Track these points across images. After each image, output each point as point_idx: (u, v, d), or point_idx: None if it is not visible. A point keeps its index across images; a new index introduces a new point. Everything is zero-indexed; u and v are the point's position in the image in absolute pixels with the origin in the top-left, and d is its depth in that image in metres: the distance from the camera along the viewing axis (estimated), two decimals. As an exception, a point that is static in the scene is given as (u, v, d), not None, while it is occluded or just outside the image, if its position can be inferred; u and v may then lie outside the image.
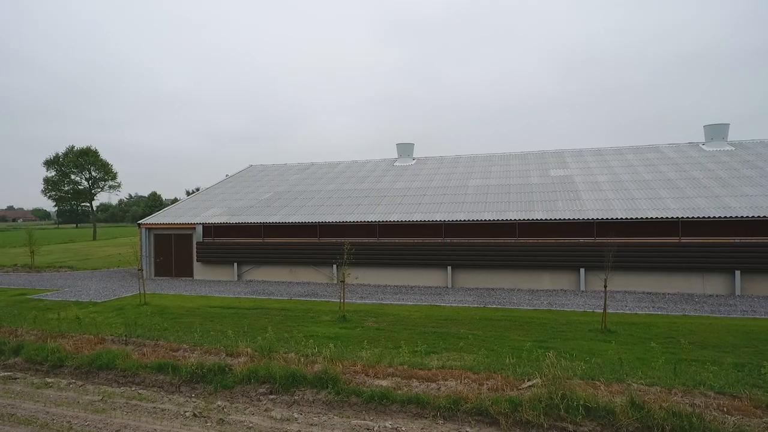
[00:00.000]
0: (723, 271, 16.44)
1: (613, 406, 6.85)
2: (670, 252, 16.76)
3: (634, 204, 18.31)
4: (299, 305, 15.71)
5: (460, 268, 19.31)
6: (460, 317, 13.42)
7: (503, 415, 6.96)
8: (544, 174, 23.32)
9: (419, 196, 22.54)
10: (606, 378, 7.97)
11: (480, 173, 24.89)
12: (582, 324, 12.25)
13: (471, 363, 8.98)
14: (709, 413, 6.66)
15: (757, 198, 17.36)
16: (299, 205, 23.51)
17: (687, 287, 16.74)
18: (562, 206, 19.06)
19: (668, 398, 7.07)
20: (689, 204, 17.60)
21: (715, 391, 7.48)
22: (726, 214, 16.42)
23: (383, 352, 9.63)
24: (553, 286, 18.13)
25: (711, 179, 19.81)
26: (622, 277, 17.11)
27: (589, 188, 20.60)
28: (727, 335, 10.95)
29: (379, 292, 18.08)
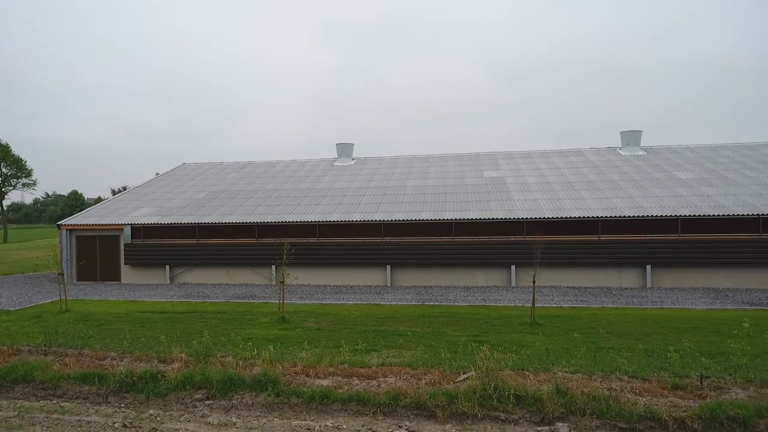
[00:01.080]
0: (636, 266, 17.96)
1: (540, 394, 7.33)
2: (591, 249, 18.07)
3: (559, 204, 19.53)
4: (237, 307, 15.35)
5: (399, 267, 19.68)
6: (399, 315, 13.71)
7: (440, 407, 7.24)
8: (478, 175, 24.26)
9: (359, 196, 22.69)
10: (534, 368, 8.50)
11: (418, 174, 25.46)
12: (513, 318, 12.93)
13: (410, 359, 9.24)
14: (623, 396, 7.30)
15: (664, 198, 19.11)
16: (236, 204, 22.89)
17: (606, 281, 18.12)
18: (494, 206, 19.95)
19: (589, 384, 7.67)
20: (608, 204, 19.05)
21: (629, 375, 8.19)
22: (639, 213, 17.95)
23: (324, 352, 9.68)
24: (487, 282, 18.95)
25: (626, 181, 21.54)
26: (549, 273, 18.21)
27: (520, 189, 21.71)
28: (639, 324, 12.00)
29: (320, 292, 18.04)
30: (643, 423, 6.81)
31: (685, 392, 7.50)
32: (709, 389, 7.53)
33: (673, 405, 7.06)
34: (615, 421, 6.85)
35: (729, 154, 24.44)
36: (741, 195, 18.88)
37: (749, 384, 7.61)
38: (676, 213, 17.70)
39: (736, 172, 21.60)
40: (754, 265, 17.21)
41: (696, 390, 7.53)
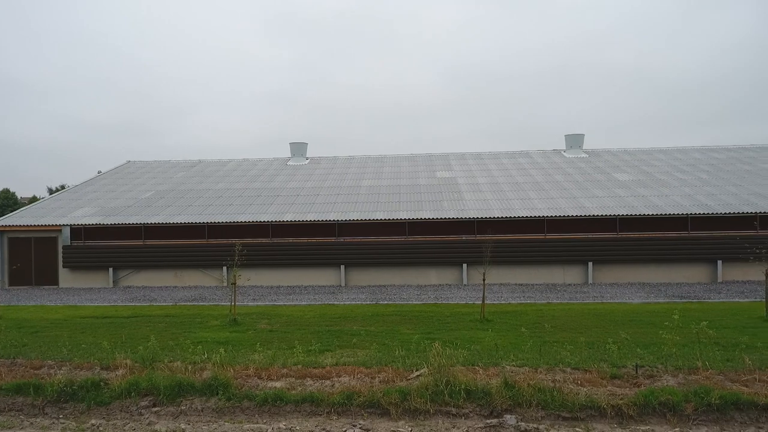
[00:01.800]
0: (579, 263, 18.88)
1: (489, 388, 7.59)
2: (538, 247, 18.84)
3: (508, 204, 20.22)
4: (186, 311, 14.87)
5: (354, 267, 19.72)
6: (353, 314, 13.75)
7: (393, 405, 7.35)
8: (431, 176, 24.69)
9: (313, 196, 22.55)
10: (484, 363, 8.78)
11: (372, 174, 25.59)
12: (464, 315, 13.27)
13: (364, 358, 9.31)
14: (566, 386, 7.68)
15: (605, 199, 20.20)
16: (185, 204, 22.16)
17: (551, 278, 18.94)
18: (447, 206, 20.38)
19: (535, 376, 8.02)
20: (553, 204, 19.91)
21: (572, 367, 8.62)
22: (582, 213, 18.88)
23: (277, 354, 9.58)
24: (440, 281, 19.33)
25: (570, 182, 22.59)
26: (499, 271, 18.80)
27: (471, 189, 22.29)
28: (581, 318, 12.63)
29: (273, 293, 17.79)
30: (584, 412, 7.20)
31: (622, 381, 7.99)
32: (643, 377, 8.05)
33: (612, 393, 7.50)
34: (559, 411, 7.21)
35: (662, 158, 26.12)
36: (672, 196, 20.25)
37: (678, 371, 8.20)
38: (614, 212, 18.76)
39: (668, 175, 23.13)
40: (683, 260, 18.51)
41: (632, 379, 8.04)
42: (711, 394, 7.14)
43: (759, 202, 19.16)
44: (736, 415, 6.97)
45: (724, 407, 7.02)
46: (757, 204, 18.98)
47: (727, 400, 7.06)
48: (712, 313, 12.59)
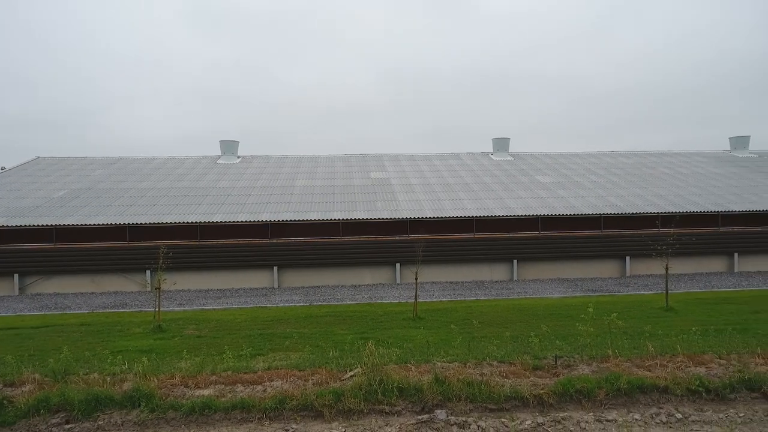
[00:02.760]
0: (505, 261, 19.84)
1: (421, 384, 7.80)
2: (468, 246, 19.57)
3: (440, 204, 20.82)
4: (104, 318, 13.91)
5: (287, 268, 19.41)
6: (286, 317, 13.55)
7: (327, 406, 7.35)
8: (365, 176, 24.85)
9: (245, 196, 21.91)
10: (416, 360, 9.00)
11: (306, 174, 25.32)
12: (397, 314, 13.51)
13: (297, 361, 9.21)
14: (493, 379, 8.06)
15: (528, 200, 21.37)
16: (104, 204, 20.69)
17: (479, 275, 19.75)
18: (381, 206, 20.61)
19: (464, 371, 8.34)
20: (481, 205, 20.76)
21: (498, 360, 9.05)
22: (507, 213, 19.85)
23: (205, 361, 9.24)
24: (373, 280, 19.52)
25: (497, 184, 23.67)
26: (431, 270, 19.32)
27: (404, 190, 22.69)
28: (507, 313, 13.29)
29: (201, 298, 17.09)
30: (509, 402, 7.60)
31: (543, 372, 8.51)
32: (562, 367, 8.63)
33: (534, 384, 7.98)
34: (486, 403, 7.55)
35: (578, 161, 28.07)
36: (587, 197, 21.83)
37: (592, 360, 8.87)
38: (537, 213, 19.91)
39: (583, 177, 24.89)
40: (597, 257, 20.03)
41: (552, 369, 8.59)
42: (620, 379, 7.80)
43: (660, 203, 21.15)
44: (641, 398, 7.67)
45: (631, 391, 7.70)
46: (659, 205, 20.95)
47: (633, 385, 7.75)
48: (621, 305, 13.74)
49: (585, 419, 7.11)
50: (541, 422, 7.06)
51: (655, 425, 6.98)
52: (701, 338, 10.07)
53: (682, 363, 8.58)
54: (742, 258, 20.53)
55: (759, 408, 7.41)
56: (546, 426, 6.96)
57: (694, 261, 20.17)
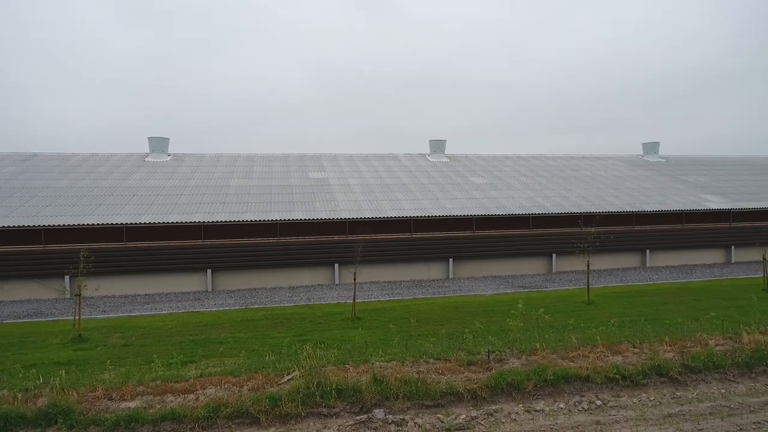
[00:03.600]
0: (441, 260, 20.38)
1: (360, 385, 7.85)
2: (406, 245, 19.89)
3: (378, 205, 21.00)
4: (15, 329, 12.76)
5: (222, 271, 18.77)
6: (221, 321, 13.11)
7: (264, 412, 7.21)
8: (303, 176, 24.55)
9: (176, 196, 20.91)
10: (355, 360, 9.04)
11: (242, 173, 24.60)
12: (336, 314, 13.49)
13: (232, 367, 8.96)
14: (429, 376, 8.27)
15: (463, 200, 22.08)
16: (15, 204, 18.95)
17: (417, 274, 20.15)
18: (319, 207, 20.46)
19: (401, 370, 8.49)
20: (419, 205, 21.19)
21: (434, 357, 9.30)
22: (444, 213, 20.40)
23: (131, 371, 8.74)
24: (312, 281, 19.34)
25: (434, 185, 24.24)
26: (369, 269, 19.45)
27: (343, 190, 22.67)
28: (443, 311, 13.68)
29: (128, 303, 16.12)
30: (445, 398, 7.83)
31: (477, 367, 8.85)
32: (494, 362, 9.01)
33: (468, 379, 8.27)
34: (423, 400, 7.74)
35: (510, 164, 29.38)
36: (518, 198, 22.91)
37: (522, 354, 9.34)
38: (471, 213, 20.62)
39: (514, 179, 26.09)
40: (526, 255, 21.07)
41: (485, 364, 8.95)
42: (547, 371, 8.28)
43: (583, 204, 22.62)
44: (566, 387, 8.18)
45: (556, 381, 8.19)
46: (581, 205, 22.40)
47: (559, 376, 8.25)
48: (548, 300, 14.56)
49: (515, 410, 7.47)
50: (474, 416, 7.33)
51: (578, 413, 7.46)
52: (618, 329, 10.90)
53: (601, 353, 9.25)
54: (652, 254, 22.41)
55: (666, 391, 8.15)
56: (479, 419, 7.25)
57: (612, 257, 21.76)
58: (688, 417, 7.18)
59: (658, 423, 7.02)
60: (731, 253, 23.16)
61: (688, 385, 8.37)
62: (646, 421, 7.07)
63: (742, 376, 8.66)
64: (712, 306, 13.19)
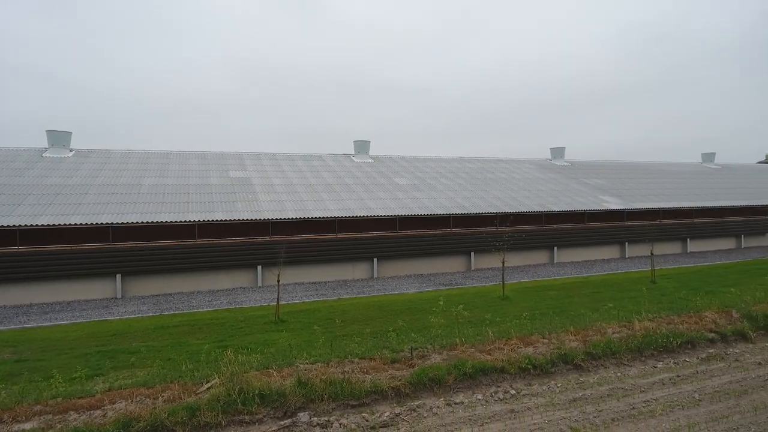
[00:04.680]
0: (366, 259, 20.58)
1: (284, 389, 7.73)
2: (330, 246, 19.84)
3: (302, 205, 20.74)
4: None
5: (133, 275, 17.55)
6: (132, 330, 12.27)
7: (180, 424, 6.88)
8: (224, 175, 23.62)
9: (80, 195, 19.21)
10: (278, 364, 8.88)
11: (156, 171, 23.14)
12: (259, 318, 13.15)
13: (144, 378, 8.44)
14: (354, 376, 8.33)
15: (387, 201, 22.45)
16: None
17: (342, 274, 20.18)
18: (241, 207, 19.80)
19: (327, 371, 8.48)
20: (343, 205, 21.22)
21: (359, 357, 9.38)
22: (368, 213, 20.60)
23: (26, 389, 7.94)
24: (233, 284, 18.68)
25: (358, 185, 24.39)
26: (294, 271, 19.17)
27: (266, 190, 22.11)
28: (368, 311, 13.82)
29: (22, 314, 14.56)
30: (369, 397, 7.94)
31: (400, 364, 9.06)
32: (417, 358, 9.28)
33: (392, 377, 8.45)
34: (348, 400, 7.78)
35: (432, 165, 30.32)
36: (439, 199, 23.72)
37: (443, 349, 9.70)
38: (395, 213, 21.01)
39: (436, 180, 26.97)
40: (447, 253, 21.88)
41: (408, 361, 9.18)
42: (466, 365, 8.67)
43: (498, 204, 23.91)
44: (483, 379, 8.62)
45: (475, 374, 8.61)
46: (497, 206, 23.67)
47: (477, 368, 8.68)
48: (467, 297, 15.25)
49: (437, 405, 7.76)
50: (398, 412, 7.51)
51: (494, 402, 7.90)
52: (530, 322, 11.68)
53: (515, 345, 9.86)
54: (559, 251, 24.22)
55: (572, 377, 8.87)
56: (403, 415, 7.44)
57: (524, 254, 23.23)
58: (590, 400, 7.87)
59: (564, 407, 7.63)
60: (625, 249, 25.64)
61: (590, 370, 9.17)
62: (554, 407, 7.65)
63: (635, 360, 9.65)
64: (609, 297, 14.54)
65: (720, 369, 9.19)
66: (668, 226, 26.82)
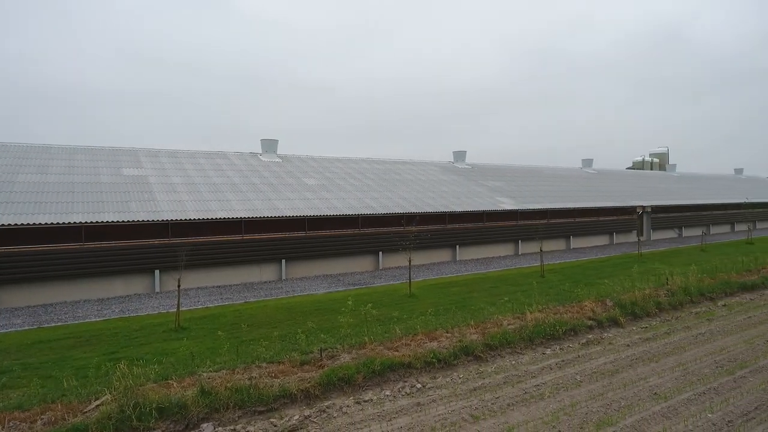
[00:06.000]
0: (274, 261, 20.13)
1: (185, 400, 7.35)
2: (236, 248, 19.12)
3: (206, 205, 19.74)
4: None
5: (5, 285, 15.50)
6: (2, 346, 10.86)
7: (66, 446, 6.28)
8: (116, 173, 21.71)
9: (-71, 193, 16.52)
10: (179, 374, 8.42)
11: (35, 167, 20.61)
12: (157, 326, 12.32)
13: (19, 400, 7.54)
14: (262, 381, 8.16)
15: (296, 201, 22.15)
16: None
17: (249, 277, 19.54)
18: (136, 207, 18.35)
19: (232, 378, 8.20)
20: (250, 206, 20.56)
21: (267, 361, 9.20)
22: (276, 214, 20.17)
23: None
24: (127, 291, 17.27)
25: (266, 185, 23.77)
26: (196, 274, 18.19)
27: (165, 189, 20.72)
28: (276, 313, 13.56)
29: None
30: (278, 401, 7.83)
31: (310, 366, 9.03)
32: (326, 359, 9.31)
33: (301, 379, 8.39)
34: (255, 406, 7.60)
35: (340, 165, 30.43)
36: (348, 199, 23.90)
37: (352, 348, 9.83)
38: (304, 214, 20.80)
39: (345, 181, 27.13)
40: (356, 253, 22.12)
41: (317, 362, 9.18)
42: (374, 362, 8.88)
43: (405, 205, 24.68)
44: (392, 376, 8.89)
45: (383, 371, 8.85)
46: (404, 206, 24.42)
47: (385, 365, 8.92)
48: (375, 295, 15.56)
49: (346, 404, 7.86)
50: (308, 414, 7.50)
51: (401, 397, 8.19)
52: (435, 317, 12.24)
53: (421, 340, 10.29)
54: (461, 249, 25.60)
55: (472, 368, 9.46)
56: (312, 417, 7.44)
57: (429, 253, 24.22)
58: (488, 388, 8.47)
59: (466, 397, 8.12)
60: (519, 246, 27.79)
61: (488, 360, 9.86)
62: (457, 397, 8.12)
63: (527, 348, 10.55)
64: (505, 292, 15.69)
65: (597, 352, 10.37)
66: (554, 225, 29.53)
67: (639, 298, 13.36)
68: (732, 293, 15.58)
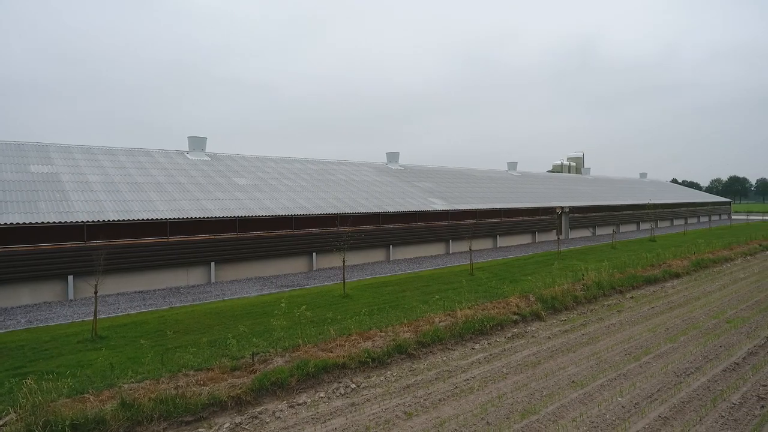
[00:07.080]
0: (202, 264, 19.30)
1: (103, 414, 6.89)
2: (160, 250, 18.11)
3: (126, 206, 18.52)
4: None
5: None
6: None
7: (-38, 474, 5.67)
8: (22, 169, 19.78)
9: None
10: (96, 387, 7.87)
11: None
12: (70, 336, 11.39)
13: None
14: (189, 390, 7.82)
15: (226, 201, 21.39)
16: None
17: (174, 281, 18.59)
18: (45, 207, 16.84)
19: (157, 388, 7.78)
20: (176, 206, 19.56)
21: (195, 369, 8.82)
22: (204, 214, 19.36)
23: None
24: (35, 300, 15.80)
25: (193, 185, 22.73)
26: (116, 279, 17.03)
27: (79, 188, 19.19)
28: (204, 318, 13.01)
29: None
30: (207, 410, 7.54)
31: (241, 371, 8.78)
32: (258, 364, 9.09)
33: (232, 385, 8.14)
34: (182, 416, 7.28)
35: (273, 165, 29.78)
36: (281, 199, 23.44)
37: (286, 351, 9.68)
38: (235, 214, 20.13)
39: (278, 181, 26.58)
40: (289, 254, 21.75)
41: (249, 367, 8.95)
42: (309, 364, 8.81)
43: (339, 205, 24.63)
44: (326, 377, 8.86)
45: (318, 373, 8.80)
46: (338, 206, 24.36)
47: (320, 367, 8.88)
48: (309, 297, 15.40)
49: (280, 408, 7.74)
50: (239, 422, 7.30)
51: (336, 398, 8.19)
52: (369, 317, 12.34)
53: (355, 341, 10.33)
54: (395, 249, 25.98)
55: (405, 366, 9.66)
56: (244, 424, 7.25)
57: (363, 253, 24.34)
58: (421, 385, 8.69)
59: (399, 394, 8.28)
60: (449, 245, 28.68)
61: (421, 358, 10.11)
62: (391, 395, 8.26)
63: (457, 344, 10.93)
64: (436, 290, 16.14)
65: (521, 345, 10.97)
66: (483, 224, 30.78)
67: (558, 293, 14.28)
68: (638, 286, 17.11)
